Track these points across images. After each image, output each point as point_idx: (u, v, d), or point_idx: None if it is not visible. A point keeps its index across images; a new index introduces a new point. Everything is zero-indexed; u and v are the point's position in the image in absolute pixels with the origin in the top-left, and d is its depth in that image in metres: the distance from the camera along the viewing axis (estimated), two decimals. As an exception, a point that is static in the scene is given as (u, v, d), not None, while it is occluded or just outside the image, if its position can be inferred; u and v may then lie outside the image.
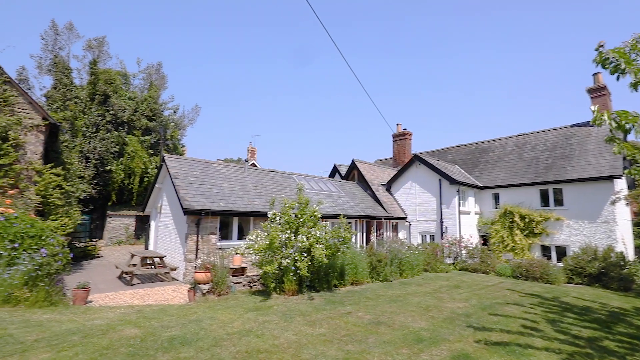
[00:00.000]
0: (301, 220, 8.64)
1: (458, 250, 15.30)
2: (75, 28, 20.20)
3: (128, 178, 19.18)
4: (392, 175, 19.50)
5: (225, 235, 11.29)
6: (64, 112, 17.06)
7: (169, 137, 22.41)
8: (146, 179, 19.81)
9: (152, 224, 14.04)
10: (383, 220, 16.63)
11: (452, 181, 15.80)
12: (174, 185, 10.73)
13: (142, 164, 19.38)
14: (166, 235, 12.34)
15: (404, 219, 17.78)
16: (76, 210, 11.53)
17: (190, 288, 7.95)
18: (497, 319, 6.83)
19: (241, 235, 11.75)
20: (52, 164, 10.55)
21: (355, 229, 15.27)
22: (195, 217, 10.18)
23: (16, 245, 6.36)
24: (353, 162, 20.06)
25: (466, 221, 16.26)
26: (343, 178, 20.75)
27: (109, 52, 21.24)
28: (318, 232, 8.44)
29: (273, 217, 8.71)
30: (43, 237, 6.79)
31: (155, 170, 19.60)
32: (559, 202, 14.64)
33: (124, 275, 10.45)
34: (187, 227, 10.26)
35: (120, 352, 4.36)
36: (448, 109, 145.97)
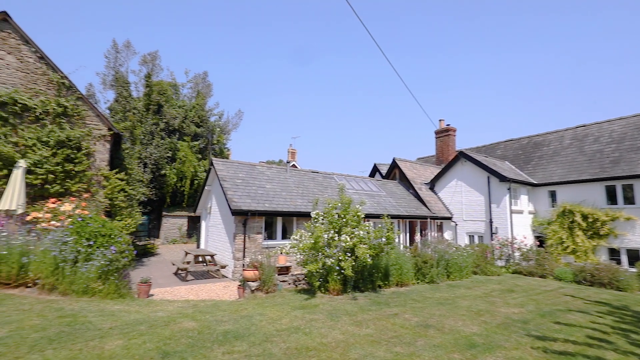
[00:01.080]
0: (344, 220, 8.68)
1: (510, 252, 14.38)
2: (132, 45, 22.06)
3: (180, 181, 20.56)
4: (435, 174, 18.84)
5: (270, 235, 11.67)
6: (125, 123, 18.73)
7: (215, 142, 23.64)
8: (196, 181, 21.08)
9: (203, 224, 14.91)
10: (427, 220, 16.13)
11: (502, 178, 14.89)
12: (222, 187, 11.32)
13: (192, 168, 20.66)
14: (216, 235, 13.04)
15: (449, 218, 17.09)
16: (137, 212, 12.61)
17: (239, 285, 8.35)
18: (559, 327, 6.35)
19: (285, 235, 12.07)
20: (117, 170, 11.65)
21: (398, 229, 14.98)
22: (242, 217, 10.65)
23: (91, 243, 7.13)
24: (394, 160, 19.69)
25: (519, 221, 15.23)
26: (384, 177, 20.45)
27: (161, 65, 22.94)
28: (361, 232, 8.43)
29: (316, 217, 8.85)
30: (112, 236, 7.54)
31: (204, 174, 20.80)
32: (629, 200, 13.18)
33: (180, 271, 11.23)
34: (234, 227, 10.77)
35: (181, 342, 4.72)
36: (492, 105, 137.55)
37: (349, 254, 8.31)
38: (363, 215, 9.02)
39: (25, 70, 10.51)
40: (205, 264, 12.14)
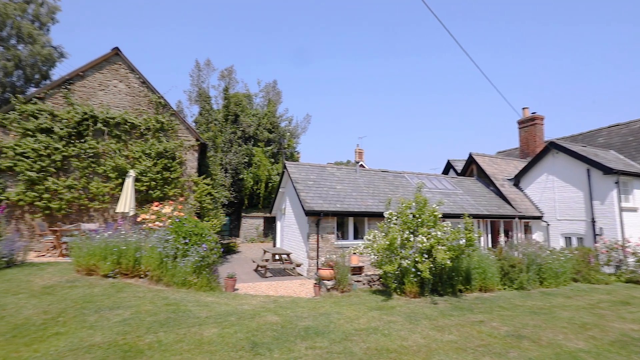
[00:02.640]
0: (419, 220, 8.36)
1: (621, 257, 12.22)
2: (212, 63, 24.47)
3: (256, 184, 22.07)
4: (519, 168, 16.99)
5: (341, 235, 11.82)
6: (208, 133, 20.82)
7: (286, 146, 24.83)
8: (270, 184, 22.40)
9: (278, 224, 15.76)
10: (513, 220, 14.62)
11: (607, 170, 12.75)
12: (295, 189, 11.83)
13: (266, 172, 22.03)
14: (290, 234, 13.68)
15: (539, 218, 15.23)
16: (221, 213, 13.91)
17: (315, 283, 8.61)
18: (699, 350, 5.19)
19: (357, 235, 12.11)
20: (204, 176, 13.01)
21: (479, 230, 13.85)
22: (315, 217, 10.98)
23: (186, 241, 8.08)
24: (470, 156, 18.29)
25: (631, 220, 12.88)
26: (459, 174, 19.13)
27: (236, 79, 24.95)
28: (439, 233, 8.02)
29: (390, 217, 8.69)
30: (203, 235, 8.43)
31: (277, 177, 21.98)
32: None
33: (259, 268, 12.04)
34: (308, 227, 11.16)
35: (267, 335, 5.06)
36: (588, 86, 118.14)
37: (426, 256, 7.97)
38: (440, 215, 8.57)
39: (131, 94, 12.38)
40: (281, 262, 12.81)
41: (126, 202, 10.10)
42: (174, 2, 77.63)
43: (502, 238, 14.30)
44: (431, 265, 7.89)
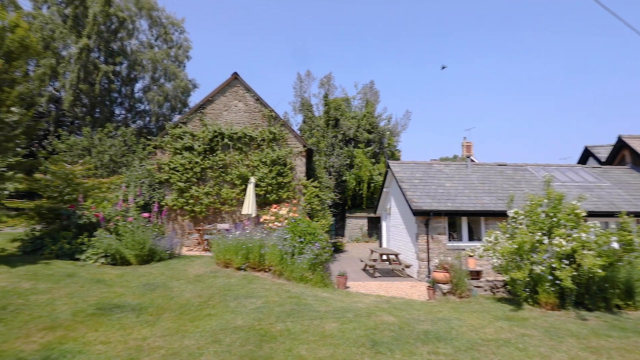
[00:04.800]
0: (554, 219, 7.13)
1: None
2: (312, 73, 26.03)
3: (358, 185, 22.41)
4: None
5: (454, 236, 10.99)
6: (311, 139, 22.16)
7: (386, 145, 24.51)
8: (372, 184, 22.45)
9: (383, 224, 15.64)
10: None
11: None
12: (400, 189, 11.55)
13: (368, 172, 22.16)
14: (397, 235, 13.40)
15: None
16: (328, 213, 14.58)
17: (429, 286, 8.22)
18: None
19: (471, 236, 11.08)
20: (312, 179, 13.88)
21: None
22: (424, 217, 10.50)
23: (301, 240, 8.75)
24: (620, 139, 14.70)
25: None
26: (602, 163, 15.58)
27: (335, 85, 25.95)
28: (583, 235, 6.68)
29: (515, 216, 7.67)
30: (316, 234, 9.00)
31: (379, 177, 21.86)
32: None
33: (367, 268, 12.14)
34: (416, 227, 10.74)
35: (385, 334, 5.06)
36: None
37: (566, 262, 6.74)
38: (585, 214, 7.14)
39: (248, 111, 14.11)
40: (389, 263, 12.64)
41: (249, 205, 11.53)
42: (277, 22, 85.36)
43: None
44: (574, 273, 6.63)
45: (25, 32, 8.21)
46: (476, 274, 9.57)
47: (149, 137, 16.28)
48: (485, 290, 8.33)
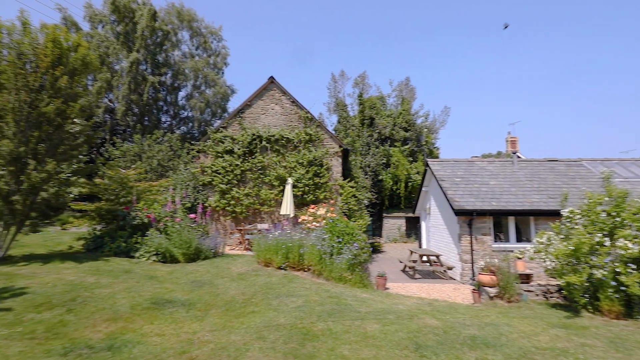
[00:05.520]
0: (617, 219, 6.51)
1: None
2: (346, 73, 25.97)
3: (395, 184, 21.98)
4: None
5: (500, 237, 10.41)
6: (347, 139, 22.11)
7: (424, 143, 23.81)
8: (410, 184, 21.91)
9: (423, 224, 15.20)
10: None
11: None
12: (440, 188, 11.16)
13: (405, 171, 21.65)
14: (437, 235, 12.96)
15: None
16: (365, 214, 14.45)
17: (474, 289, 7.86)
18: None
19: (519, 237, 10.44)
20: (348, 179, 13.85)
21: None
22: (467, 217, 10.06)
23: (340, 240, 8.77)
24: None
25: None
26: (677, 156, 13.90)
27: (369, 83, 25.69)
28: (653, 236, 6.03)
29: (571, 215, 7.10)
30: (354, 234, 8.97)
31: (416, 175, 21.28)
32: None
33: (407, 269, 11.87)
34: (459, 228, 10.32)
35: (429, 338, 4.92)
36: None
37: (633, 266, 6.11)
38: (654, 213, 6.45)
39: (284, 113, 14.40)
40: (429, 264, 12.27)
41: (287, 206, 11.76)
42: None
43: None
44: (643, 279, 6.00)
45: (86, 51, 9.04)
46: (526, 278, 8.98)
47: (192, 142, 17.21)
48: (537, 295, 7.79)
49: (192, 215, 10.43)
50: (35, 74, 8.05)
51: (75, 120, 9.12)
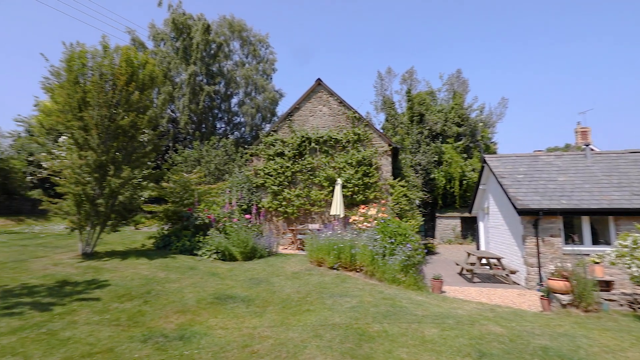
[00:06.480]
0: None
1: None
2: (393, 70, 25.37)
3: (449, 183, 20.96)
4: None
5: (573, 239, 9.41)
6: (395, 137, 21.59)
7: (479, 138, 22.38)
8: (464, 182, 20.74)
9: (481, 225, 14.30)
10: None
11: None
12: (500, 185, 10.41)
13: (459, 169, 20.54)
14: (497, 237, 12.11)
15: None
16: (418, 214, 13.99)
17: (542, 296, 7.21)
18: None
19: (596, 240, 9.35)
20: (399, 178, 13.53)
21: None
22: (532, 217, 9.27)
23: (392, 240, 8.60)
24: None
25: None
26: None
27: (418, 79, 24.78)
28: None
29: (662, 215, 6.20)
30: (407, 235, 8.74)
31: (472, 173, 20.08)
32: None
33: (465, 272, 11.25)
34: (522, 229, 9.55)
35: (493, 346, 4.62)
36: None
37: None
38: None
39: (332, 114, 14.50)
40: (489, 267, 11.49)
41: (337, 206, 11.82)
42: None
43: None
44: None
45: (153, 67, 9.98)
46: (605, 285, 8.02)
47: (245, 146, 18.10)
48: (621, 304, 6.91)
49: (248, 216, 10.97)
50: (113, 91, 9.08)
51: (144, 130, 10.11)
